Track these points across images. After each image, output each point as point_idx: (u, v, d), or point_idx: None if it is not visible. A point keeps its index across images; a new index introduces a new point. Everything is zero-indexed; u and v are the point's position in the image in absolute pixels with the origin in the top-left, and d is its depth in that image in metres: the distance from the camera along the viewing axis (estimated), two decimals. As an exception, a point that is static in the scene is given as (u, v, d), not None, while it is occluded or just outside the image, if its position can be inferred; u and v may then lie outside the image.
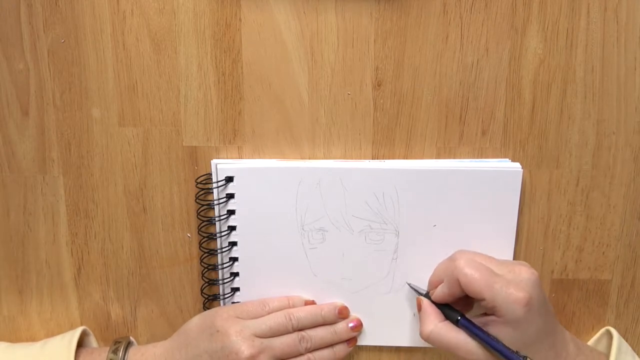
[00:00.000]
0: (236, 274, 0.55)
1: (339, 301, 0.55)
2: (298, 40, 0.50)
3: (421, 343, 0.55)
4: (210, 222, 0.54)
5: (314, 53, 0.51)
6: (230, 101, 0.52)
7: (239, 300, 0.55)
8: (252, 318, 0.52)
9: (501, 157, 0.53)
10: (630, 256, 0.55)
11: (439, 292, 0.49)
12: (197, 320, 0.52)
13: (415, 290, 0.53)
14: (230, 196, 0.53)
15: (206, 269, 0.55)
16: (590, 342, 0.56)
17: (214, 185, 0.52)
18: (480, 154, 0.53)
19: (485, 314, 0.48)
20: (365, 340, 0.56)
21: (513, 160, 0.52)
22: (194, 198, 0.54)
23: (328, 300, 0.54)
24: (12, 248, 0.56)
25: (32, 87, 0.52)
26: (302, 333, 0.52)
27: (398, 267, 0.53)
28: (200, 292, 0.56)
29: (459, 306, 0.50)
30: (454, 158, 0.53)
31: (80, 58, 0.51)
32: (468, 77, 0.51)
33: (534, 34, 0.50)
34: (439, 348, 0.49)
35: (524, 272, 0.47)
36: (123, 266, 0.56)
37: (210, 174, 0.53)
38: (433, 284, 0.51)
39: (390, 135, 0.53)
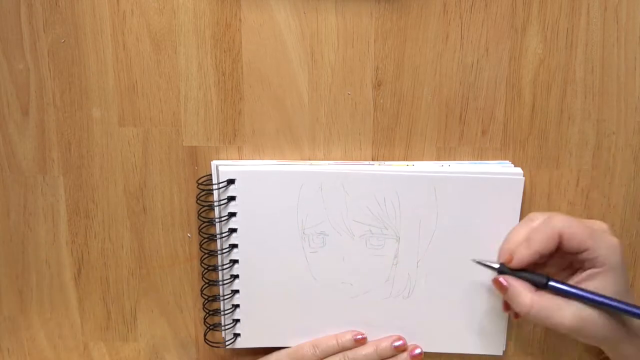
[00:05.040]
0: (236, 276, 0.55)
1: (394, 334, 0.55)
2: (298, 40, 0.50)
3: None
4: (211, 223, 0.54)
5: (314, 53, 0.51)
6: (230, 101, 0.52)
7: (238, 303, 0.55)
8: None
9: (501, 157, 0.53)
10: (630, 256, 0.54)
11: (524, 253, 0.46)
12: None
13: (486, 266, 0.49)
14: (232, 198, 0.52)
15: (206, 270, 0.55)
16: None
17: (214, 187, 0.52)
18: (480, 154, 0.53)
19: (576, 274, 0.46)
20: (365, 342, 0.56)
21: (513, 161, 0.52)
22: (195, 198, 0.54)
23: (329, 304, 0.54)
24: (12, 248, 0.56)
25: (32, 87, 0.52)
26: None
27: (398, 272, 0.53)
28: (200, 292, 0.56)
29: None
30: (454, 158, 0.53)
31: (80, 58, 0.51)
32: (468, 77, 0.51)
33: (534, 34, 0.50)
34: (542, 323, 0.45)
35: (601, 224, 0.47)
36: (123, 266, 0.56)
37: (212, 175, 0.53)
38: (507, 251, 0.48)
39: (390, 135, 0.53)
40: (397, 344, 0.54)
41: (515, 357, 0.56)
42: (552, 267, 0.49)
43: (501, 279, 0.47)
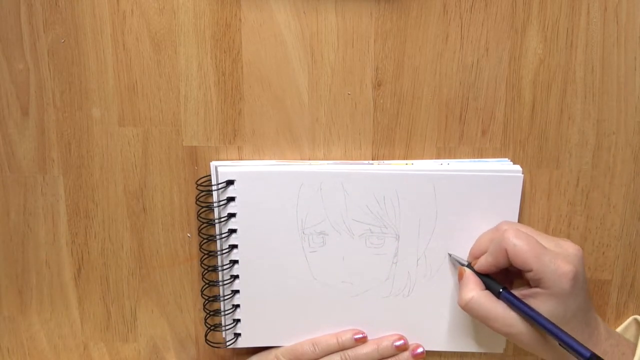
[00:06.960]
0: (236, 276, 0.55)
1: (395, 333, 0.55)
2: (298, 40, 0.50)
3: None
4: (210, 224, 0.54)
5: (314, 53, 0.51)
6: (230, 101, 0.52)
7: (238, 303, 0.55)
8: None
9: (501, 157, 0.53)
10: (630, 256, 0.55)
11: (483, 262, 0.49)
12: None
13: (457, 261, 0.52)
14: (231, 199, 0.52)
15: (206, 271, 0.55)
16: (618, 330, 0.55)
17: (214, 188, 0.52)
18: (480, 154, 0.53)
19: (528, 287, 0.47)
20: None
21: (513, 160, 0.52)
22: (194, 199, 0.54)
23: (329, 303, 0.54)
24: (12, 248, 0.56)
25: (32, 87, 0.52)
26: None
27: (398, 271, 0.53)
28: (200, 293, 0.56)
29: (498, 280, 0.49)
30: (454, 158, 0.53)
31: (80, 58, 0.51)
32: (468, 77, 0.51)
33: (534, 34, 0.50)
34: (475, 317, 0.48)
35: (570, 247, 0.47)
36: (123, 266, 0.56)
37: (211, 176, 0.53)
38: (474, 255, 0.51)
39: (390, 135, 0.53)
40: (398, 343, 0.54)
41: (516, 355, 0.57)
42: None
43: (463, 268, 0.51)
